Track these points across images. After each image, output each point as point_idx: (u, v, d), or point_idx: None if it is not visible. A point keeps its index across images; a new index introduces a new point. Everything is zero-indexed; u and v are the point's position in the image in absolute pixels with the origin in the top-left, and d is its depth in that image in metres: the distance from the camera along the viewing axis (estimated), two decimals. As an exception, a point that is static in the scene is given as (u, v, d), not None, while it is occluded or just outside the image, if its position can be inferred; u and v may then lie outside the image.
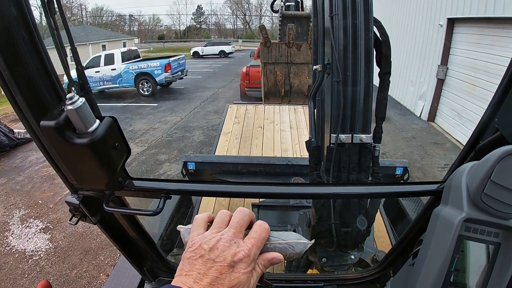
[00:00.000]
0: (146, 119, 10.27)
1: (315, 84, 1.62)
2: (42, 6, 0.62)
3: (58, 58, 0.67)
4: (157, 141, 8.28)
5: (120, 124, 0.71)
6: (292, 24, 3.77)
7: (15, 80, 0.58)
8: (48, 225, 4.81)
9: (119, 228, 1.02)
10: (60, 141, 0.62)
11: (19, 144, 8.12)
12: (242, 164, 3.31)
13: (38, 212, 5.15)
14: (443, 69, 8.38)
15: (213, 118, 10.14)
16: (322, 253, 1.61)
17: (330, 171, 1.38)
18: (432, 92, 8.95)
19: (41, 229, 4.73)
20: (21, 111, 0.63)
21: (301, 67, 4.04)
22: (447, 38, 8.25)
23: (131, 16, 63.38)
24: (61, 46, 0.66)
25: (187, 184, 0.94)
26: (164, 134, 8.84)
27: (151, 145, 7.96)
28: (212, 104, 12.17)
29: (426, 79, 9.43)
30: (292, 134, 4.59)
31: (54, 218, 4.97)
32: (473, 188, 0.64)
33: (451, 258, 0.67)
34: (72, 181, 0.79)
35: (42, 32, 0.61)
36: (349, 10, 1.29)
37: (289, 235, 0.62)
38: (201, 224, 0.60)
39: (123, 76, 13.61)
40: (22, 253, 4.26)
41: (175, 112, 11.14)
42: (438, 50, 8.63)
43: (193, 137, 8.52)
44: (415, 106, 10.06)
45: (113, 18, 62.63)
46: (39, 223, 4.86)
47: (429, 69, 9.19)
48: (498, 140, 0.75)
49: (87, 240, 4.47)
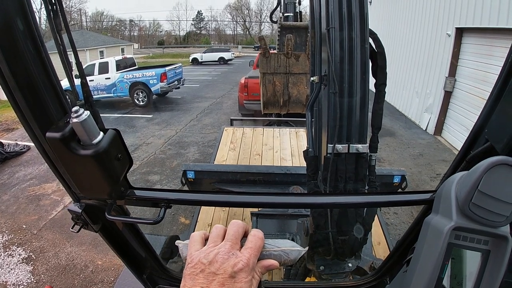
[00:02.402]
0: (140, 133, 9.86)
1: (312, 95, 1.64)
2: (48, 22, 0.64)
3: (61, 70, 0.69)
4: (149, 159, 7.86)
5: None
6: (291, 35, 3.77)
7: (22, 92, 0.60)
8: (31, 255, 4.50)
9: (120, 236, 1.04)
10: (65, 152, 0.65)
11: (8, 158, 7.76)
12: (241, 173, 3.34)
13: (22, 239, 4.85)
14: (450, 81, 8.05)
15: (210, 132, 9.76)
16: (320, 261, 1.63)
17: (327, 180, 1.41)
18: (439, 104, 8.58)
19: (24, 258, 4.44)
20: (27, 122, 0.65)
21: (299, 77, 4.02)
22: (455, 48, 7.92)
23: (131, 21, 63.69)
24: (67, 61, 0.68)
25: (187, 194, 0.96)
26: (157, 150, 8.43)
27: (143, 163, 7.54)
28: (209, 116, 11.77)
29: (432, 91, 9.05)
30: (294, 163, 4.27)
31: (37, 247, 4.65)
32: (462, 197, 0.66)
33: (441, 265, 0.69)
34: (75, 190, 0.81)
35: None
36: (345, 23, 1.31)
37: (284, 243, 0.65)
38: (198, 240, 0.62)
39: (117, 85, 13.19)
40: (4, 286, 4.05)
41: (170, 125, 10.75)
42: (445, 61, 8.29)
43: (187, 154, 8.12)
44: (420, 119, 9.71)
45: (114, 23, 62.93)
46: (22, 252, 4.56)
47: (436, 80, 8.83)
48: (488, 150, 0.77)
49: (70, 276, 4.16)
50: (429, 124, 9.08)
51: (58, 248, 4.59)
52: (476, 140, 0.83)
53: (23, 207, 5.70)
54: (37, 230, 5.03)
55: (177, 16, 65.74)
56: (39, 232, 4.99)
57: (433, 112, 8.93)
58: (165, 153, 8.19)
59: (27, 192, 6.24)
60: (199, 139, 9.18)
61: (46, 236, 4.87)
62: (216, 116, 11.64)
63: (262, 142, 4.66)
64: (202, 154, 8.03)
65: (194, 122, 10.98)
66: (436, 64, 8.87)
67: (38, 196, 6.07)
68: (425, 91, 9.51)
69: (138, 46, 54.10)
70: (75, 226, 0.88)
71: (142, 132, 9.89)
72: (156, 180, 6.82)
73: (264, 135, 4.83)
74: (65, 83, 0.73)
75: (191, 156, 7.97)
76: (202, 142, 8.87)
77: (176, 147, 8.64)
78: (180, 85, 14.57)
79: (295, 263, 0.71)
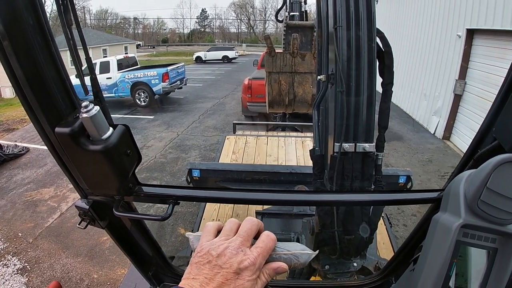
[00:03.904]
0: (141, 135, 9.61)
1: (319, 94, 1.64)
2: (59, 17, 0.64)
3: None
4: (149, 163, 7.63)
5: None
6: (297, 34, 3.78)
7: (31, 87, 0.59)
8: (26, 266, 4.38)
9: (126, 232, 1.03)
10: (74, 147, 0.65)
11: (6, 160, 7.65)
12: (247, 172, 3.35)
13: (17, 248, 4.73)
14: (460, 83, 7.75)
15: (212, 135, 9.50)
16: (325, 260, 1.62)
17: (333, 179, 1.40)
18: (448, 108, 8.28)
19: (19, 269, 4.32)
20: (36, 117, 0.64)
21: (305, 77, 4.03)
22: (465, 50, 7.61)
23: (135, 19, 63.69)
24: (77, 56, 0.68)
25: (194, 191, 0.95)
26: (158, 154, 8.20)
27: (142, 168, 7.30)
28: (211, 117, 11.50)
29: (441, 94, 8.74)
30: None
31: (32, 257, 4.53)
32: (470, 195, 0.65)
33: (449, 263, 0.68)
34: (83, 186, 0.81)
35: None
36: (352, 21, 1.30)
37: (295, 246, 0.64)
38: (211, 231, 0.62)
39: (118, 85, 12.97)
40: (-2, 298, 4.00)
41: (171, 126, 10.51)
42: (455, 63, 7.98)
43: (188, 158, 7.85)
44: (428, 122, 9.44)
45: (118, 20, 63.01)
46: (17, 262, 4.45)
47: (445, 83, 8.50)
48: (495, 148, 0.77)
49: (65, 289, 4.05)
50: (438, 128, 8.83)
51: (54, 259, 4.49)
52: (483, 138, 0.83)
53: (20, 214, 5.60)
54: (32, 238, 4.93)
55: (181, 14, 65.55)
56: (34, 241, 4.88)
57: (442, 116, 8.67)
58: (166, 157, 8.02)
59: (24, 197, 6.14)
60: (201, 142, 8.99)
61: (41, 246, 4.76)
62: (219, 117, 11.42)
63: (266, 152, 4.48)
64: (204, 159, 7.84)
65: (196, 124, 10.77)
66: (445, 66, 8.58)
67: (35, 202, 5.97)
68: (434, 94, 9.24)
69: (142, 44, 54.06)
70: (82, 222, 0.88)
71: (143, 135, 9.70)
72: (155, 187, 6.61)
73: (268, 144, 4.65)
74: (74, 80, 0.71)
75: (192, 160, 7.68)
76: (204, 146, 8.68)
77: (177, 150, 8.45)
78: (182, 85, 14.31)
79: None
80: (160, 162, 7.70)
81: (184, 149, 8.53)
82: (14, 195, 6.22)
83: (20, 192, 6.34)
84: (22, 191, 6.36)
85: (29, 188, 6.49)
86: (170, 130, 10.09)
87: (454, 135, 8.35)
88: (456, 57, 7.94)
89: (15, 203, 5.95)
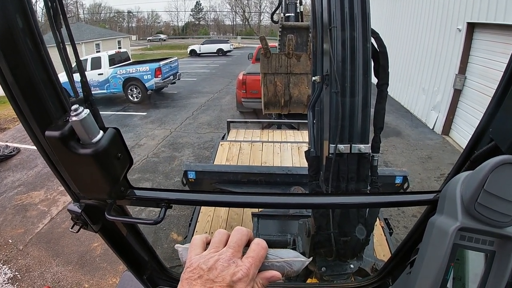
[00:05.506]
0: (133, 133, 9.44)
1: (314, 95, 1.63)
2: (48, 19, 0.63)
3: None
4: (142, 163, 7.47)
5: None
6: (292, 35, 3.77)
7: (21, 90, 0.59)
8: (16, 274, 4.29)
9: (120, 236, 1.02)
10: (64, 151, 0.64)
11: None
12: (242, 174, 3.32)
13: (7, 255, 4.63)
14: (460, 78, 7.62)
15: (206, 132, 9.39)
16: (322, 262, 1.62)
17: (329, 180, 1.39)
18: (448, 103, 8.17)
19: (9, 278, 4.23)
20: (26, 120, 0.64)
21: (300, 77, 4.00)
22: (466, 44, 7.47)
23: (129, 13, 63.04)
24: (67, 59, 0.68)
25: (188, 194, 0.94)
26: (150, 153, 8.03)
27: (134, 168, 7.08)
28: (205, 113, 11.35)
29: (440, 88, 8.63)
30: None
31: (23, 265, 4.43)
32: (467, 197, 0.64)
33: (446, 266, 0.67)
34: (75, 189, 0.80)
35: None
36: (347, 22, 1.30)
37: (287, 253, 0.63)
38: (198, 244, 0.60)
39: (110, 81, 12.73)
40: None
41: (164, 123, 10.34)
42: (455, 57, 7.85)
43: (181, 157, 7.70)
44: (427, 117, 9.36)
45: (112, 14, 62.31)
46: (7, 271, 4.36)
47: (445, 77, 8.39)
48: (492, 150, 0.76)
49: (56, 300, 3.96)
50: (437, 123, 8.75)
51: (44, 267, 4.38)
52: (480, 139, 0.82)
53: (10, 219, 5.47)
54: (23, 245, 4.81)
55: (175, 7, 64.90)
56: (25, 248, 4.77)
57: (441, 111, 8.57)
58: (158, 156, 7.87)
59: (15, 201, 6.01)
60: (195, 139, 8.83)
61: (32, 253, 4.65)
62: (213, 113, 11.26)
63: (261, 159, 4.36)
64: (198, 157, 7.71)
65: (190, 120, 10.60)
66: (445, 60, 8.44)
67: (25, 206, 5.85)
68: (433, 88, 9.11)
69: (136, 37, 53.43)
70: (75, 226, 0.87)
71: (135, 132, 9.54)
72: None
73: (263, 150, 4.54)
74: (63, 78, 0.70)
75: (185, 159, 7.58)
76: (197, 144, 8.53)
77: (170, 149, 8.29)
78: (176, 80, 14.08)
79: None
80: (152, 162, 7.56)
81: (177, 147, 8.37)
82: (4, 199, 6.09)
83: (10, 196, 6.21)
84: (12, 195, 6.23)
85: (19, 191, 6.36)
86: (163, 127, 9.92)
87: (453, 131, 8.26)
88: (456, 51, 7.82)
89: (5, 207, 5.82)
